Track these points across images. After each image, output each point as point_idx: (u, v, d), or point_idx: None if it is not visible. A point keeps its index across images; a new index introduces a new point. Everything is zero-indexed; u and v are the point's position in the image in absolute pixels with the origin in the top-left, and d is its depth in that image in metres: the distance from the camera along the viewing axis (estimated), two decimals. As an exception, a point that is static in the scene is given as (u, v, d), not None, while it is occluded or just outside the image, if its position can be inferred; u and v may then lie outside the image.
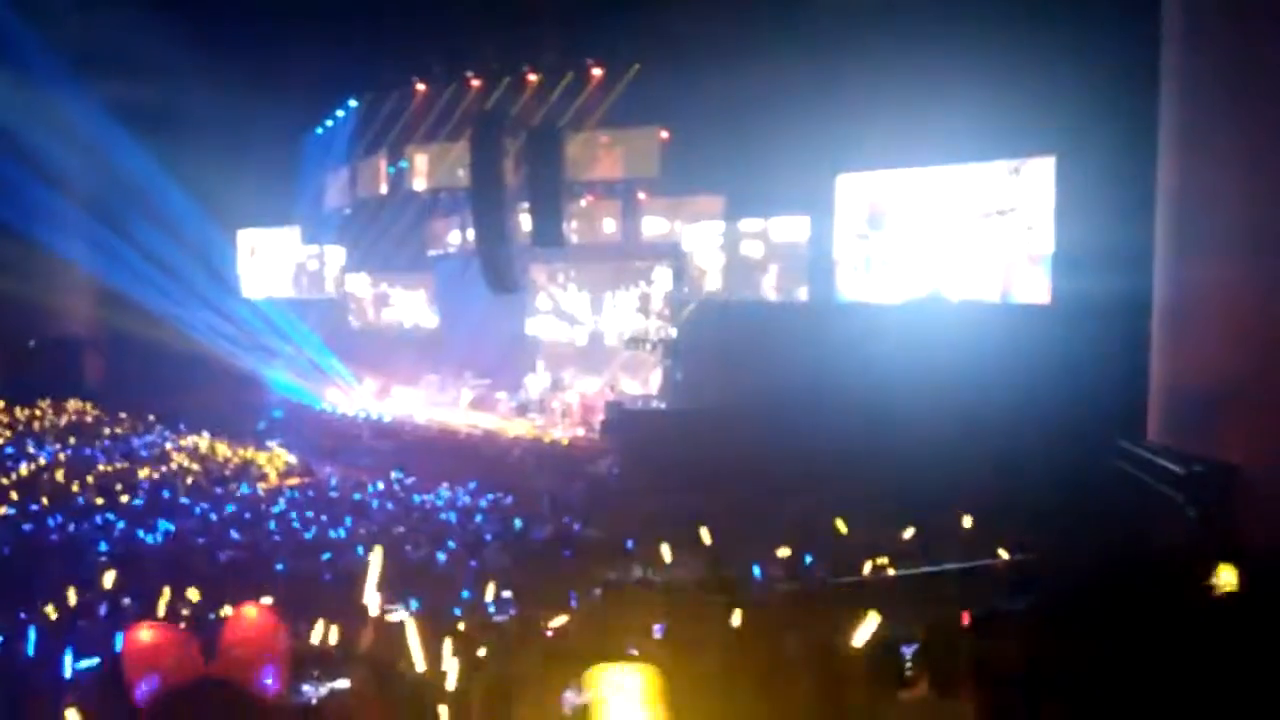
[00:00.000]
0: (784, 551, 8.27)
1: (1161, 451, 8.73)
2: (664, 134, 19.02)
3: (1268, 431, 7.90)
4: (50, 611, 7.69)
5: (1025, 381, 11.27)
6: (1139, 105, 9.84)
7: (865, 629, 3.97)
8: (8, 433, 19.51)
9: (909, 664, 3.93)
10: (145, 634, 3.49)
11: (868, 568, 7.36)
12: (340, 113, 23.38)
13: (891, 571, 7.34)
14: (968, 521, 8.38)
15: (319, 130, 23.99)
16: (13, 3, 18.49)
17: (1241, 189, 8.20)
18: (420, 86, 21.44)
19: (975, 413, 10.96)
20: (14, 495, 13.69)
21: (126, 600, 8.00)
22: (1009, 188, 13.34)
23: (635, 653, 3.89)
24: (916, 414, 11.25)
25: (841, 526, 8.77)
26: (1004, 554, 7.55)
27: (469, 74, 20.53)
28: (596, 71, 19.14)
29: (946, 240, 14.06)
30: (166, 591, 7.77)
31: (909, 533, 8.40)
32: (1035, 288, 13.08)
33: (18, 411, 21.49)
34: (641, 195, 19.76)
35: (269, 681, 3.37)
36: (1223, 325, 8.56)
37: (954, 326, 13.03)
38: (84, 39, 18.56)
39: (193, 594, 8.01)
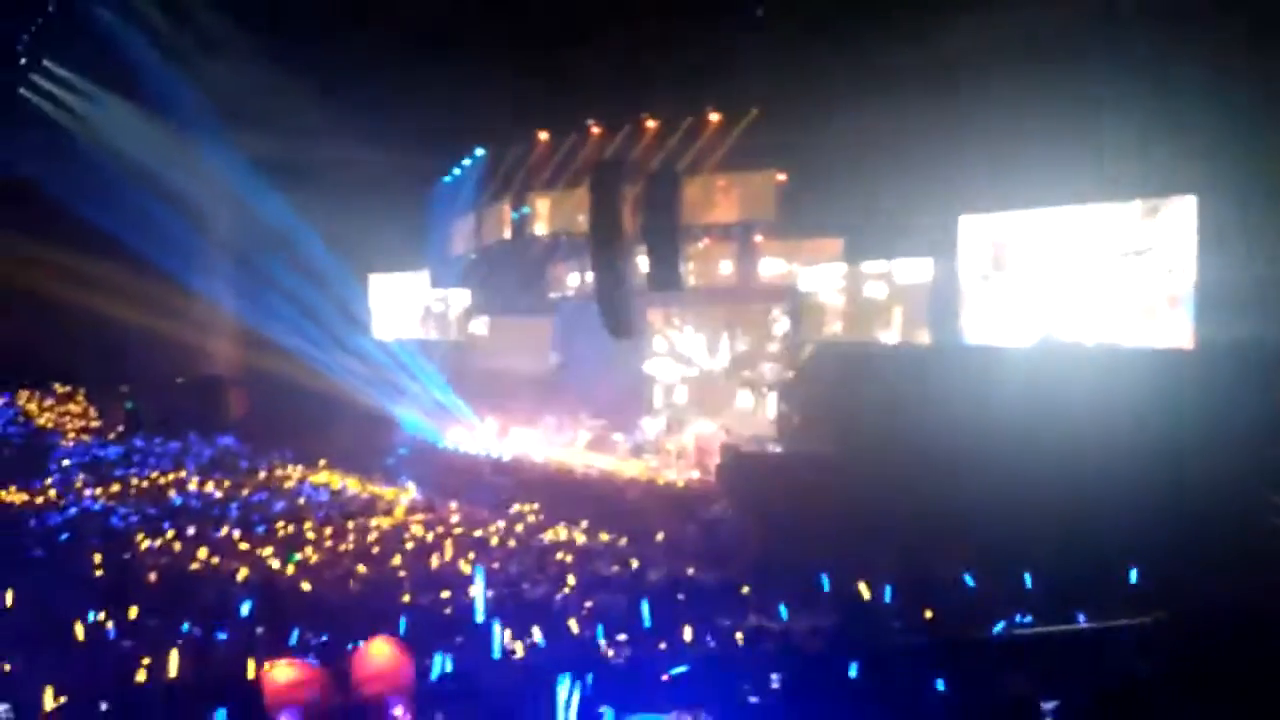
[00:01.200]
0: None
1: (1319, 507, 8.16)
2: (781, 176, 19.01)
3: None
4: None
5: (1168, 429, 10.70)
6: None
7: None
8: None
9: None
10: (284, 670, 3.65)
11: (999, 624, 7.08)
12: (467, 161, 24.31)
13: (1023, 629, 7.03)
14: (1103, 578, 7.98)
15: (447, 179, 25.00)
16: (168, 62, 19.97)
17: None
18: (542, 135, 22.11)
19: (1112, 463, 10.46)
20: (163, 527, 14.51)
21: (260, 630, 8.35)
22: (1145, 228, 12.79)
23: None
24: (1046, 463, 10.81)
25: (969, 579, 8.49)
26: (1142, 613, 7.14)
27: (589, 122, 21.07)
28: (714, 117, 19.35)
29: (1076, 282, 13.54)
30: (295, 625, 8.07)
31: (1039, 586, 8.05)
32: (1177, 331, 12.44)
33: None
34: (759, 238, 19.77)
35: (399, 712, 3.48)
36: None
37: (1086, 371, 12.50)
38: (231, 95, 19.91)
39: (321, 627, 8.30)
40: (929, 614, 7.89)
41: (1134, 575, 8.18)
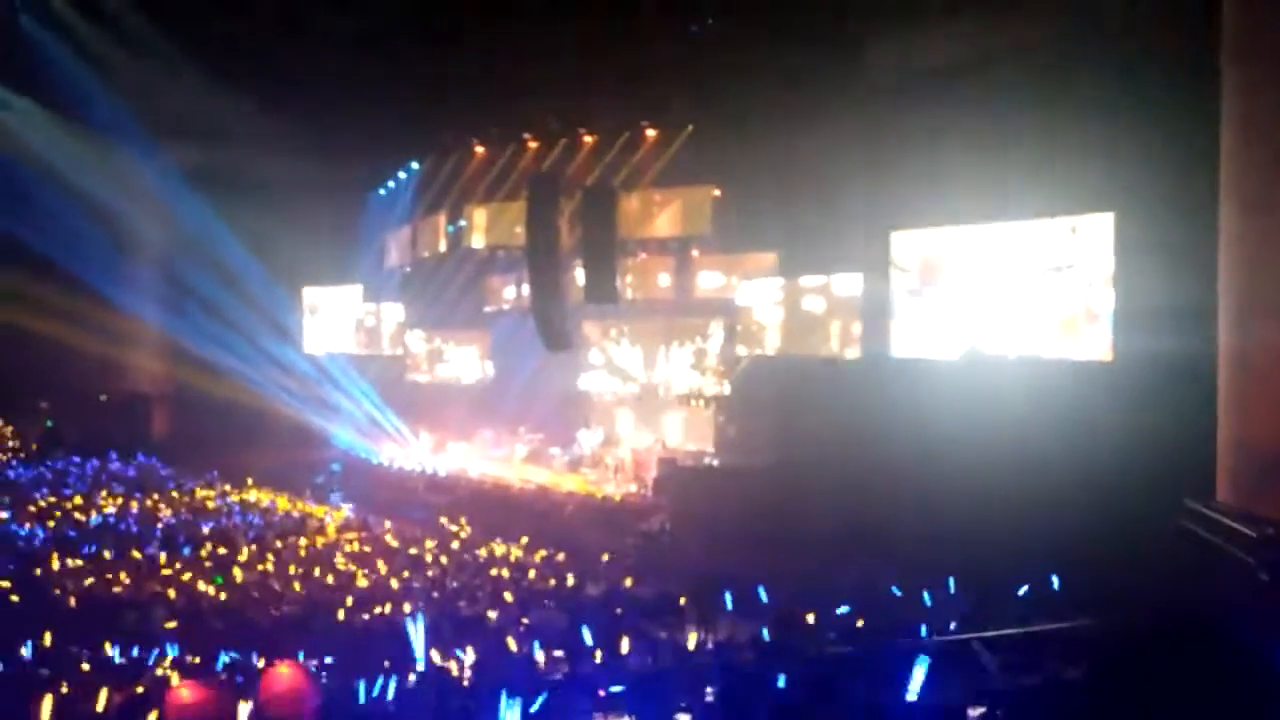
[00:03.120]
0: (842, 610, 8.15)
1: (1231, 513, 8.45)
2: (717, 192, 19.23)
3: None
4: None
5: (1087, 440, 11.05)
6: (1198, 160, 9.73)
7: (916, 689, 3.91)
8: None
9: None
10: (185, 692, 3.58)
11: (924, 630, 7.22)
12: (402, 174, 24.10)
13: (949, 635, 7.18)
14: (1025, 584, 8.19)
15: (382, 191, 24.73)
16: (91, 70, 19.41)
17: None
18: (479, 149, 22.02)
19: (1035, 471, 10.75)
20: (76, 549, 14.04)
21: (173, 651, 8.12)
22: (1066, 244, 13.21)
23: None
24: (972, 473, 11.08)
25: (896, 589, 8.64)
26: (1064, 618, 7.35)
27: (526, 136, 21.06)
28: (651, 132, 19.50)
29: (1002, 296, 13.93)
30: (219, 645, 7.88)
31: (963, 594, 8.22)
32: (1097, 345, 12.87)
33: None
34: (695, 252, 19.93)
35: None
36: (1293, 384, 8.33)
37: (1010, 383, 12.85)
38: (158, 105, 19.42)
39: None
40: (860, 623, 8.01)
41: (1055, 581, 8.40)
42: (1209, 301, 9.50)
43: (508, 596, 11.19)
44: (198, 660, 8.00)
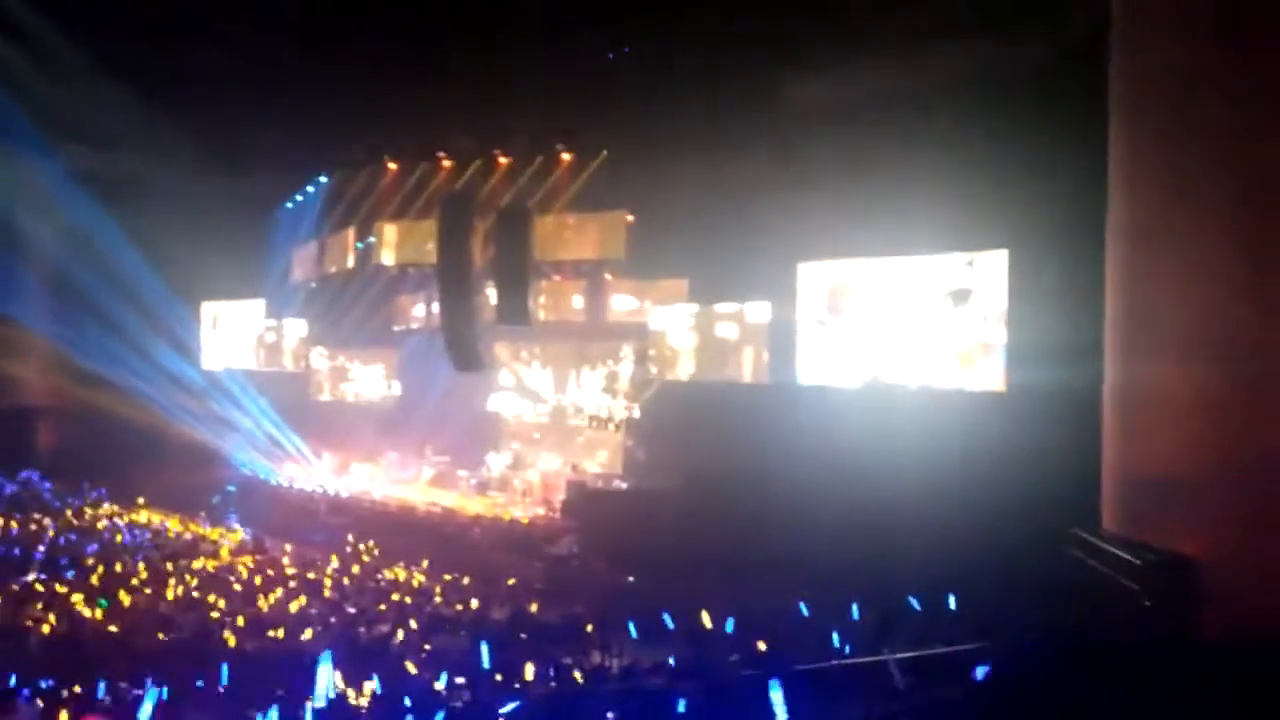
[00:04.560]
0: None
1: (1116, 541, 8.83)
2: (630, 217, 19.38)
3: (1221, 523, 8.04)
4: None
5: (981, 468, 11.45)
6: (1088, 201, 10.21)
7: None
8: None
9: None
10: None
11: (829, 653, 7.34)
12: (311, 188, 23.58)
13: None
14: (922, 605, 8.41)
15: (289, 204, 24.15)
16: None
17: (1183, 286, 8.51)
18: (391, 165, 21.74)
19: (932, 496, 11.08)
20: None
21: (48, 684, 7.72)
22: (964, 278, 13.73)
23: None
24: (873, 498, 11.35)
25: (804, 610, 8.77)
26: (959, 640, 7.56)
27: (440, 154, 20.89)
28: (565, 156, 19.57)
29: (904, 327, 14.37)
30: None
31: (863, 616, 8.40)
32: (990, 376, 13.36)
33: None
34: (608, 276, 20.02)
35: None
36: (1173, 418, 8.76)
37: (909, 412, 13.25)
38: (53, 109, 18.63)
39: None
40: (763, 645, 8.10)
41: (952, 602, 8.64)
42: (1096, 336, 9.96)
43: (411, 623, 10.96)
44: (77, 690, 7.61)
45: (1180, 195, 8.77)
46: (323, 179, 23.15)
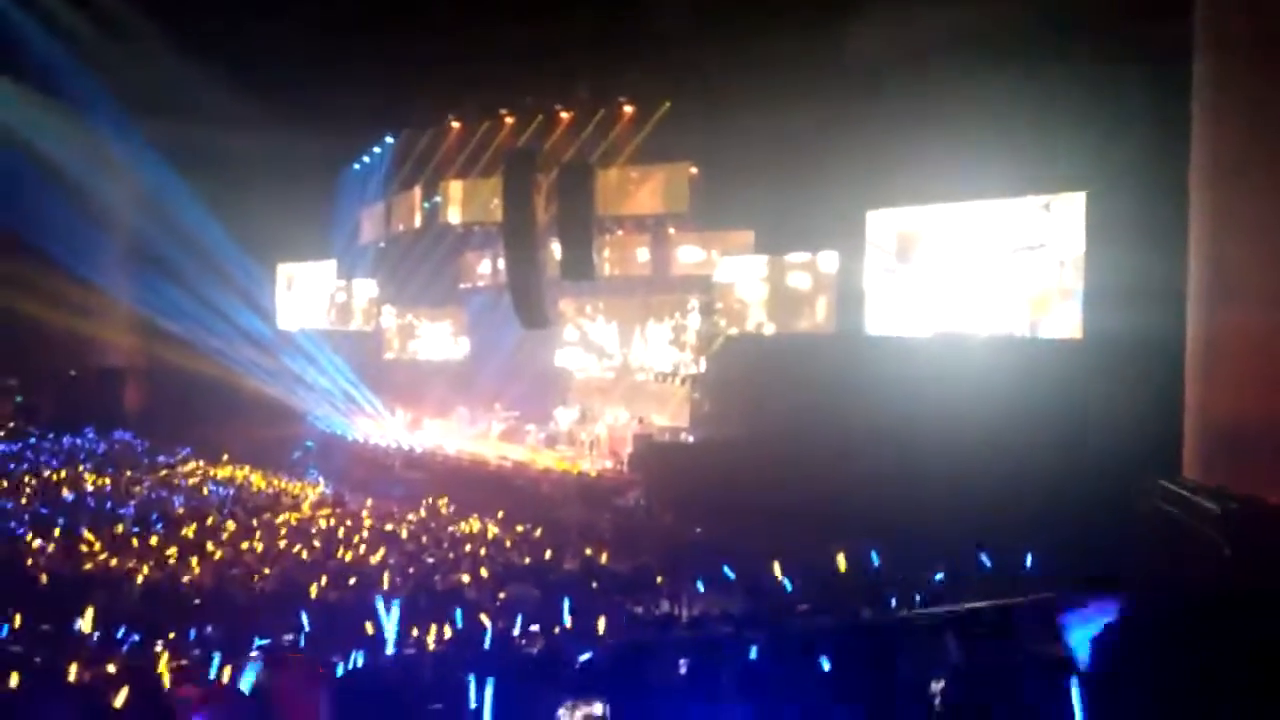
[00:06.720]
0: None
1: (1198, 489, 8.63)
2: (693, 170, 19.21)
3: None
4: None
5: (1057, 417, 11.22)
6: (1170, 142, 9.85)
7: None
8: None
9: (938, 701, 3.93)
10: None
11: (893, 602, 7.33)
12: (377, 149, 23.88)
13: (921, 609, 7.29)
14: (994, 559, 8.32)
15: (356, 166, 24.50)
16: (65, 45, 19.09)
17: (1270, 230, 8.17)
18: (455, 124, 21.86)
19: (1005, 448, 10.90)
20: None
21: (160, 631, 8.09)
22: (1040, 223, 13.33)
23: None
24: (945, 449, 11.20)
25: (875, 560, 8.76)
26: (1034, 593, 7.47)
27: (503, 111, 20.91)
28: (628, 109, 19.43)
29: (975, 275, 14.05)
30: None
31: (939, 574, 8.34)
32: (1067, 323, 13.02)
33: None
34: (672, 230, 19.93)
35: None
36: (1258, 363, 8.50)
37: (982, 361, 12.99)
38: (130, 80, 19.10)
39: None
40: (831, 596, 8.11)
41: (1029, 560, 8.53)
42: (1178, 281, 9.66)
43: (484, 572, 11.22)
44: (171, 636, 7.98)
45: (1268, 134, 8.40)
46: (389, 139, 23.41)
